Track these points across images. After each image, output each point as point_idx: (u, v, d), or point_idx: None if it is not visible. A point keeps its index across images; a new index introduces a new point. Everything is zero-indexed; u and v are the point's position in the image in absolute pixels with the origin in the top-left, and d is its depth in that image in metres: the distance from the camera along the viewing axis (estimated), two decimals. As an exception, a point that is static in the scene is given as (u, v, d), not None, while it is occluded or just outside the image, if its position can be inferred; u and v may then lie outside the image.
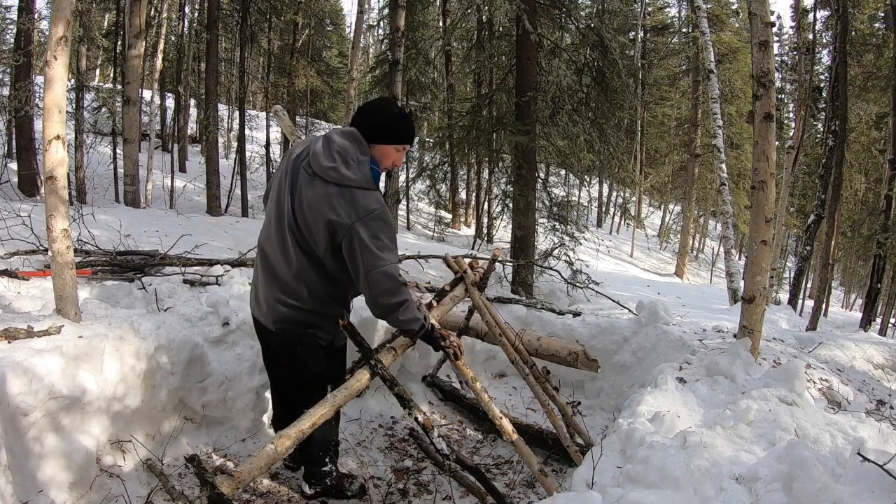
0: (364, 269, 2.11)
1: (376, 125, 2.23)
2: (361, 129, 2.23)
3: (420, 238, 11.66)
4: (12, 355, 2.13)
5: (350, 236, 2.09)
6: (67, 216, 2.52)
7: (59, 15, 2.42)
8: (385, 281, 2.12)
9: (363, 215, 2.08)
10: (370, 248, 2.08)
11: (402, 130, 2.27)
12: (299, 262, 2.23)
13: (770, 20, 3.16)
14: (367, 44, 26.97)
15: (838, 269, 20.40)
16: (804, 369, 2.87)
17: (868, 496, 1.68)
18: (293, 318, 2.31)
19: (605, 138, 8.37)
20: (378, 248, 2.09)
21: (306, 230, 2.18)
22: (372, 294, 2.15)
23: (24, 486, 2.06)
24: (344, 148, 2.14)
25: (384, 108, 2.26)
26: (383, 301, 2.16)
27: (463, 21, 12.06)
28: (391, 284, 2.13)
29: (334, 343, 2.44)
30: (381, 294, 2.14)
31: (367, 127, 2.22)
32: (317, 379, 2.46)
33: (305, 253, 2.22)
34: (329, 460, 2.63)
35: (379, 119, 2.23)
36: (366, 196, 2.12)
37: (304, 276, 2.25)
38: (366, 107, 2.29)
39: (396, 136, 2.27)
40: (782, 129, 17.77)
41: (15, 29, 8.81)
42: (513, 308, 4.66)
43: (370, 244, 2.08)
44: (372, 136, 2.22)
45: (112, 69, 14.67)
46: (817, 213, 8.01)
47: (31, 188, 8.24)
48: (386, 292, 2.14)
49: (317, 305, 2.30)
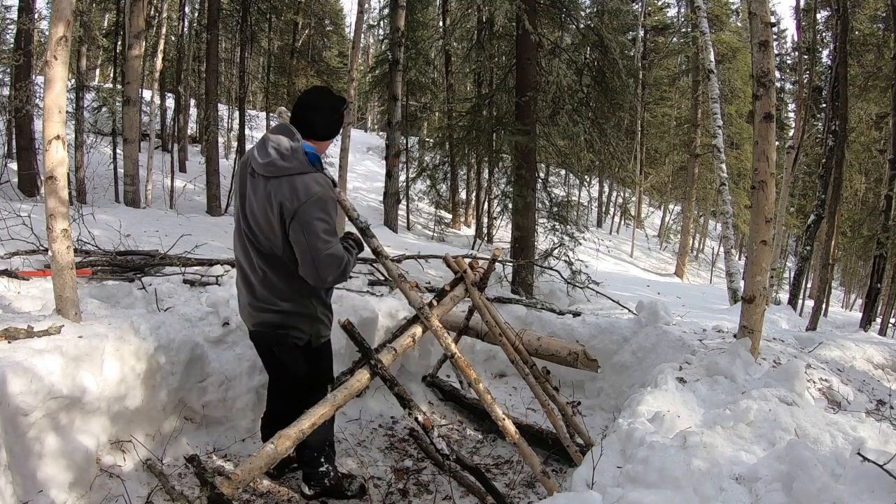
0: (311, 253, 2.15)
1: (325, 125, 2.33)
2: (307, 125, 2.29)
3: (420, 238, 11.66)
4: (12, 355, 2.13)
5: (296, 220, 2.14)
6: (67, 216, 2.52)
7: (59, 15, 2.42)
8: (331, 262, 2.18)
9: (305, 199, 2.14)
10: (315, 231, 2.13)
11: (340, 126, 2.42)
12: (261, 267, 2.29)
13: (770, 20, 3.16)
14: (367, 44, 26.97)
15: (838, 269, 20.41)
16: (804, 369, 2.87)
17: (868, 496, 1.68)
18: (268, 321, 2.36)
19: (605, 138, 8.37)
20: (323, 231, 2.15)
21: (260, 231, 2.24)
22: (320, 275, 2.20)
23: (24, 486, 2.06)
24: (277, 142, 2.21)
25: (330, 107, 2.33)
26: (331, 277, 2.22)
27: (463, 21, 12.05)
28: (337, 263, 2.20)
29: (311, 343, 2.43)
30: (330, 274, 2.21)
31: (316, 125, 2.30)
32: (299, 381, 2.47)
33: (265, 256, 2.28)
34: (325, 460, 2.63)
35: (327, 120, 2.33)
36: (305, 180, 2.17)
37: (269, 278, 2.30)
38: (310, 106, 2.31)
39: (337, 131, 2.43)
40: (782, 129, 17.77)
41: (15, 29, 8.80)
42: (513, 308, 4.66)
43: (316, 227, 2.13)
44: (320, 134, 2.32)
45: (112, 69, 14.68)
46: (817, 213, 8.01)
47: (31, 188, 8.23)
48: (334, 271, 2.21)
49: (287, 305, 2.33)
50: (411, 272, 5.65)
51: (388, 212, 10.80)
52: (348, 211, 2.38)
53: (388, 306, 4.06)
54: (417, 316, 2.43)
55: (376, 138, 23.35)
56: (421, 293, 4.46)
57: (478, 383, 2.43)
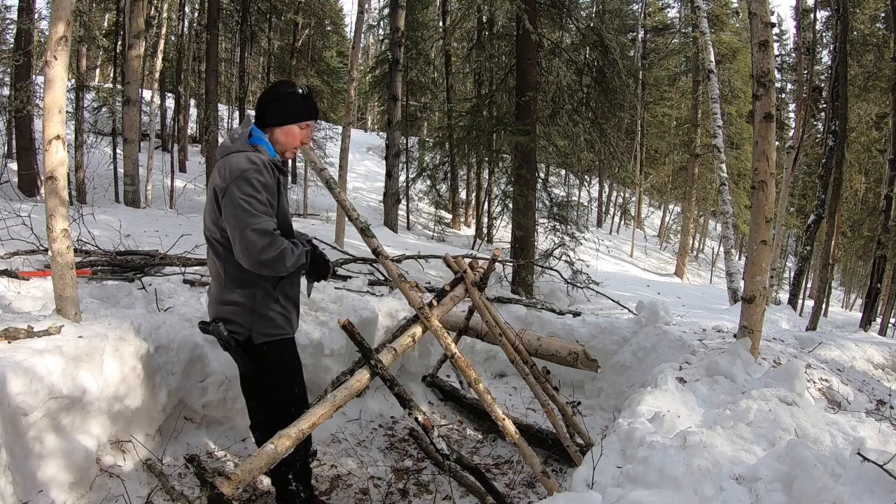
0: (238, 229, 2.03)
1: (276, 110, 2.24)
2: (263, 117, 2.25)
3: (420, 238, 11.66)
4: (13, 355, 2.13)
5: (225, 197, 2.07)
6: (67, 216, 2.52)
7: (59, 15, 2.42)
8: (259, 239, 2.02)
9: (236, 175, 2.07)
10: (241, 205, 2.03)
11: (301, 108, 2.28)
12: (212, 259, 2.24)
13: (770, 20, 3.16)
14: (367, 44, 26.97)
15: (838, 269, 20.40)
16: (804, 369, 2.87)
17: (868, 496, 1.68)
18: (214, 313, 2.27)
19: (605, 138, 8.39)
20: (249, 206, 2.04)
21: (208, 218, 2.20)
22: (250, 254, 2.04)
23: (24, 486, 2.06)
24: (234, 130, 2.27)
25: (279, 92, 2.27)
26: (264, 257, 2.05)
27: (463, 21, 12.07)
28: (267, 240, 2.04)
29: (252, 339, 2.20)
30: (260, 252, 2.04)
31: (270, 113, 2.25)
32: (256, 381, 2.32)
33: (212, 245, 2.22)
34: (294, 479, 2.37)
35: (276, 104, 2.25)
36: (238, 157, 2.12)
37: (217, 270, 2.22)
38: (263, 96, 2.30)
39: (297, 115, 2.27)
40: (782, 129, 17.74)
41: (15, 29, 8.81)
42: (513, 308, 4.66)
43: (241, 201, 2.04)
44: (275, 120, 2.25)
45: (112, 69, 14.68)
46: (817, 213, 8.01)
47: (31, 188, 8.24)
48: (264, 249, 2.04)
49: (229, 296, 2.19)
50: (411, 272, 5.65)
51: (388, 212, 10.81)
52: (348, 211, 2.38)
53: (388, 306, 4.06)
54: (417, 316, 2.42)
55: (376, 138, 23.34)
56: (421, 293, 4.46)
57: (478, 383, 2.43)
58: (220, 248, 2.19)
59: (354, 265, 5.15)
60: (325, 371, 3.42)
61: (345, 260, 5.11)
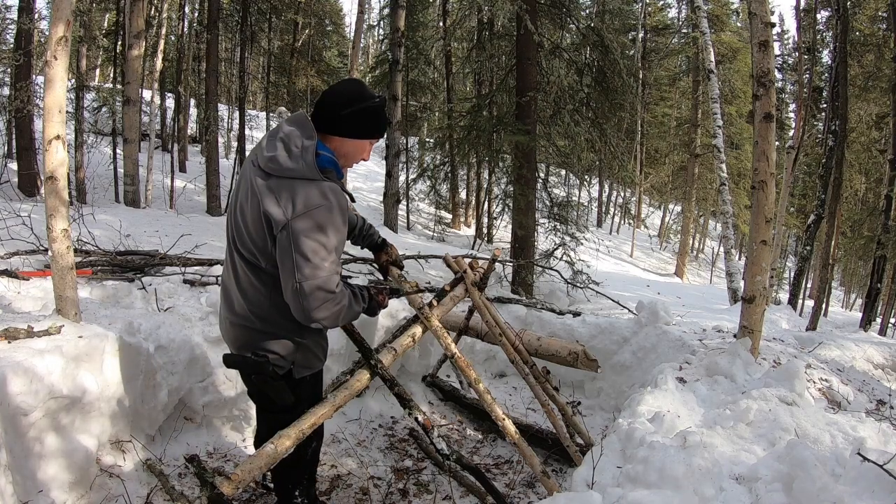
0: (294, 279, 1.75)
1: (356, 120, 1.89)
2: (333, 119, 1.88)
3: (420, 238, 11.66)
4: (12, 355, 2.13)
5: (284, 235, 1.76)
6: (67, 216, 2.52)
7: (59, 15, 2.42)
8: (320, 295, 1.78)
9: (302, 212, 1.74)
10: (305, 253, 1.74)
11: (382, 123, 1.96)
12: (243, 274, 1.93)
13: (770, 20, 3.16)
14: (367, 44, 26.99)
15: (838, 269, 20.41)
16: (804, 369, 2.87)
17: (868, 496, 1.68)
18: (244, 339, 1.97)
19: (605, 138, 8.38)
20: (316, 255, 1.75)
21: (247, 233, 1.87)
22: (304, 311, 1.79)
23: (24, 486, 2.06)
24: (288, 135, 1.82)
25: (364, 98, 1.89)
26: (320, 315, 1.81)
27: (463, 21, 12.06)
28: (327, 298, 1.80)
29: (293, 374, 2.00)
30: (316, 310, 1.80)
31: (347, 122, 1.88)
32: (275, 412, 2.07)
33: (248, 263, 1.91)
34: (301, 494, 2.25)
35: (360, 111, 1.88)
36: (307, 188, 1.77)
37: (249, 290, 1.92)
38: (339, 96, 1.90)
39: (377, 130, 1.95)
40: (782, 129, 17.75)
41: (15, 29, 8.81)
42: (513, 308, 4.66)
43: (306, 249, 1.74)
44: (350, 131, 1.90)
45: (112, 69, 14.68)
46: (817, 213, 8.01)
47: (31, 188, 8.24)
48: (321, 308, 1.80)
49: (264, 325, 1.93)
50: (411, 272, 5.65)
51: (388, 212, 10.81)
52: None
53: (389, 306, 4.05)
54: (417, 316, 2.42)
55: (376, 138, 23.29)
56: (421, 293, 4.46)
57: (478, 383, 2.43)
58: (265, 277, 1.89)
59: (354, 265, 5.15)
60: (326, 371, 3.41)
61: (345, 260, 5.12)
